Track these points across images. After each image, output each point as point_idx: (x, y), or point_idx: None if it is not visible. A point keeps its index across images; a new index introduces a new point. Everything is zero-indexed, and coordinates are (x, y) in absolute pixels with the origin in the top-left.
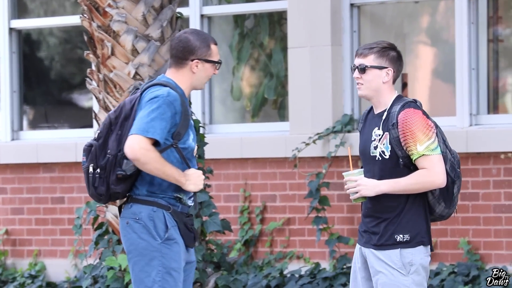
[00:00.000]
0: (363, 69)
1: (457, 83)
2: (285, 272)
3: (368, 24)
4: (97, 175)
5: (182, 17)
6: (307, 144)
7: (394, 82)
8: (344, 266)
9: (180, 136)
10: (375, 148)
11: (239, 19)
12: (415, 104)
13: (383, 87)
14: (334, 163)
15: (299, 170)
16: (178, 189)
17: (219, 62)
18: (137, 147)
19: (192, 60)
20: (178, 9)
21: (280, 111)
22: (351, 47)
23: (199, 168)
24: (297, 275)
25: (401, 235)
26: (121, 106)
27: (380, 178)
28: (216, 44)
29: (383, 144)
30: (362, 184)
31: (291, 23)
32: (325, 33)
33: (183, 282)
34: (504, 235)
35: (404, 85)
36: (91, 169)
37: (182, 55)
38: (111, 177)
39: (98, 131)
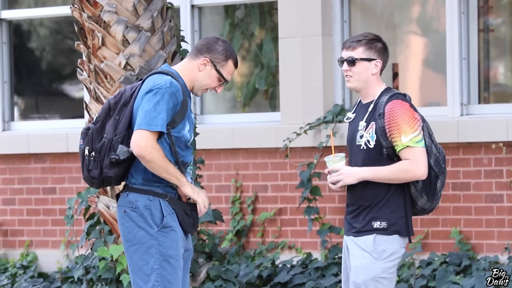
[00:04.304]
0: (352, 62)
1: (448, 73)
2: (276, 262)
3: (358, 14)
4: (91, 158)
5: (172, 7)
6: (298, 134)
7: (381, 73)
8: (336, 256)
9: (174, 124)
10: (361, 137)
11: (229, 9)
12: (403, 96)
13: (372, 78)
14: (325, 153)
15: (291, 160)
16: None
17: (225, 79)
18: (144, 145)
19: (204, 58)
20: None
21: (271, 101)
22: (341, 37)
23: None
24: (288, 265)
25: (378, 222)
26: (121, 92)
27: (363, 166)
28: (236, 65)
29: (369, 134)
30: (344, 173)
31: (282, 13)
32: (316, 23)
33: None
34: (496, 224)
35: (395, 75)
36: (86, 152)
37: (200, 48)
38: (105, 161)
39: (97, 115)
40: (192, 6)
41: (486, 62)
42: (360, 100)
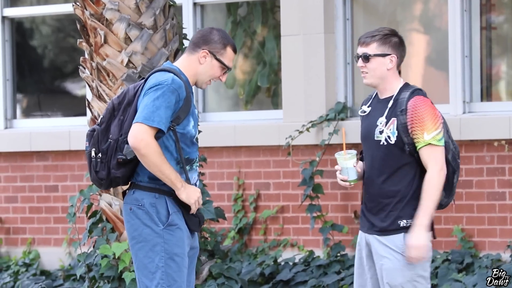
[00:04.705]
0: (366, 58)
1: (450, 70)
2: (279, 260)
3: (361, 12)
4: (98, 160)
5: (175, 5)
6: (301, 132)
7: (398, 67)
8: (338, 254)
9: (179, 120)
10: (381, 133)
11: (232, 7)
12: (424, 92)
13: (388, 74)
14: (327, 151)
15: (293, 158)
16: (182, 173)
17: (227, 67)
18: (140, 137)
19: (203, 50)
20: None
21: (274, 99)
22: (344, 35)
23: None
24: (291, 263)
25: (405, 220)
26: (124, 92)
27: (383, 162)
28: (235, 51)
29: (390, 130)
30: (417, 245)
31: (284, 11)
32: (318, 21)
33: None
34: (498, 222)
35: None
36: (93, 154)
37: (196, 41)
38: (112, 162)
39: (101, 116)
40: (195, 4)
41: (489, 60)
42: (376, 94)
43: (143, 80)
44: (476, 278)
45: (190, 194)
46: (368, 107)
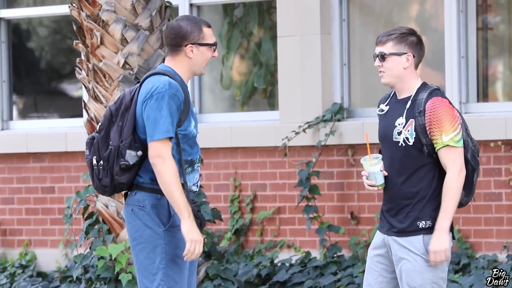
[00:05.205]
0: (382, 57)
1: (446, 71)
2: (275, 261)
3: (357, 13)
4: (100, 167)
5: (171, 6)
6: (297, 133)
7: (416, 67)
8: (335, 255)
9: (180, 122)
10: (399, 133)
11: (228, 8)
12: (442, 92)
13: (405, 73)
14: (324, 152)
15: (289, 159)
16: (181, 175)
17: (213, 44)
18: (158, 154)
19: (186, 46)
20: None
21: (270, 100)
22: (340, 36)
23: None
24: (287, 264)
25: (424, 222)
26: (121, 97)
27: (402, 163)
28: (209, 26)
29: (408, 131)
30: (439, 249)
31: (280, 12)
32: (315, 22)
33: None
34: (494, 223)
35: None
36: (94, 161)
37: (175, 42)
38: (114, 168)
39: (100, 124)
40: (191, 5)
41: (485, 60)
42: (394, 93)
43: (139, 85)
44: (473, 278)
45: (192, 230)
46: (386, 106)
